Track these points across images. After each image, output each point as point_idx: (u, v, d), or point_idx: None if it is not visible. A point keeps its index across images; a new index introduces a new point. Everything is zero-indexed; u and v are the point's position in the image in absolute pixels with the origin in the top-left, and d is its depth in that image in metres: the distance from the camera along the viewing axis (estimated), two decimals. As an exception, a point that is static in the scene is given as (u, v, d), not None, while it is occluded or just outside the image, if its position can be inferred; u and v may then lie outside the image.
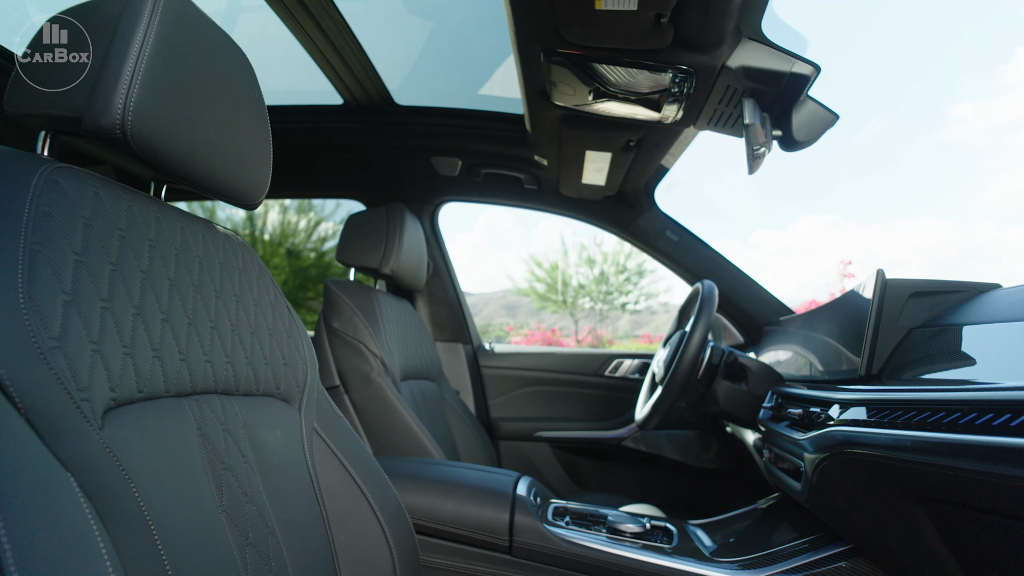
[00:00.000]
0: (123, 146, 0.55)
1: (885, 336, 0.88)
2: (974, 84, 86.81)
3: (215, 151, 0.65)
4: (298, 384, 0.79)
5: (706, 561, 0.98)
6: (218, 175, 0.67)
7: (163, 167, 0.60)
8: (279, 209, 10.56)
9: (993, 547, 0.62)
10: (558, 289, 15.07)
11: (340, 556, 0.77)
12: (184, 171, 0.63)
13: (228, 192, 0.70)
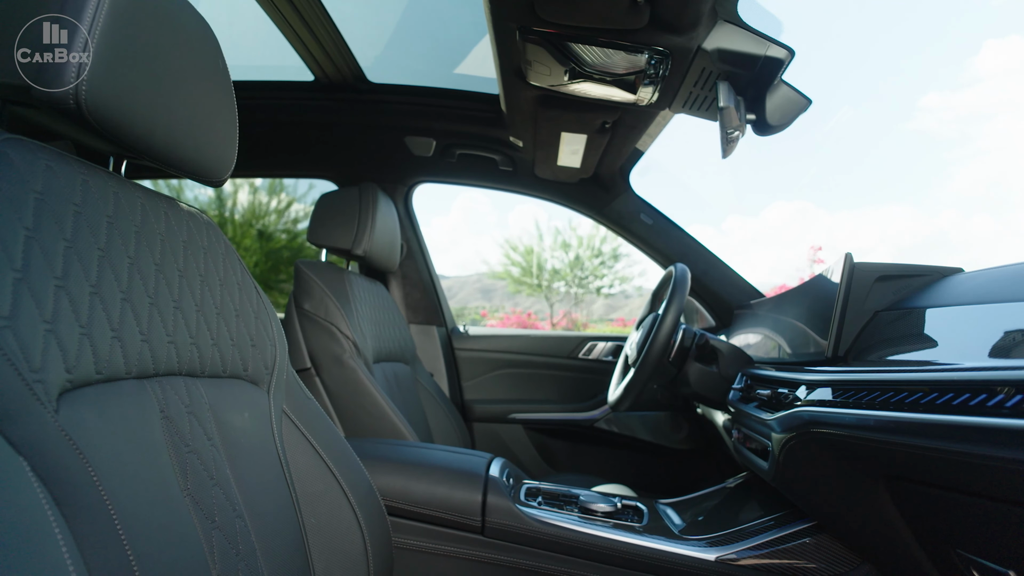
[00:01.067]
0: (76, 117, 0.52)
1: (852, 319, 0.90)
2: (942, 75, 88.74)
3: (176, 124, 0.63)
4: (266, 366, 0.78)
5: (675, 539, 1.00)
6: (180, 150, 0.65)
7: (121, 140, 0.58)
8: (249, 189, 10.34)
9: (946, 520, 0.64)
10: (533, 273, 15.10)
11: (310, 538, 0.76)
12: (143, 145, 0.60)
13: (192, 168, 0.68)
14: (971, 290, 0.76)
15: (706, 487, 1.36)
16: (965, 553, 0.63)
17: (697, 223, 9.96)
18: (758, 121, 1.16)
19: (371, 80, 1.71)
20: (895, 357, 0.79)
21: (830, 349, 0.90)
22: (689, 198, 30.54)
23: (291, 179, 10.88)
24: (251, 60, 1.68)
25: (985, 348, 0.61)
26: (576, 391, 2.11)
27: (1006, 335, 0.60)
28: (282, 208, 10.48)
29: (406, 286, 2.07)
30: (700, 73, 1.14)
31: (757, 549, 0.97)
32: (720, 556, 0.96)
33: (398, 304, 2.03)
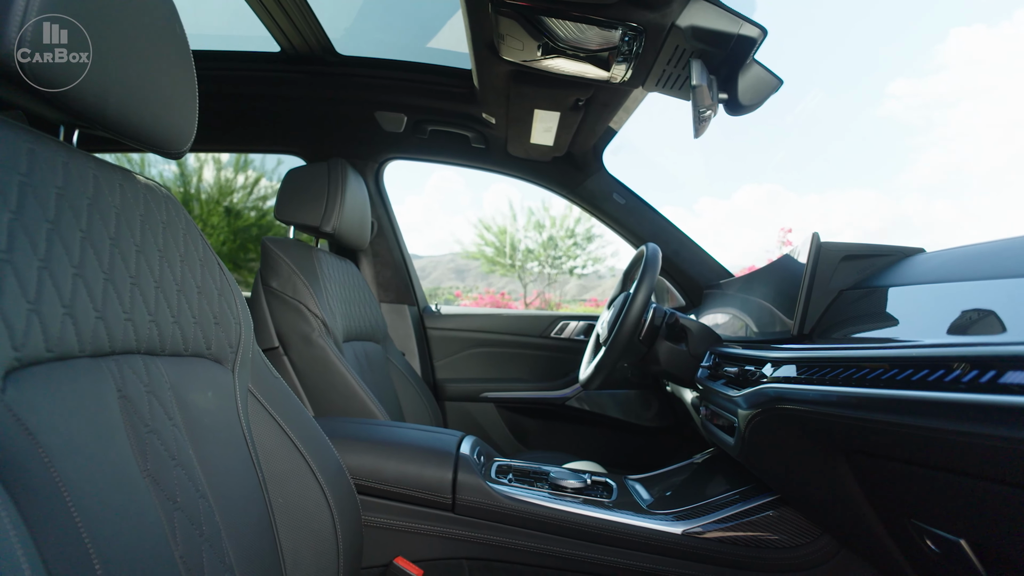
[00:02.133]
0: (18, 81, 0.49)
1: (817, 297, 0.92)
2: (910, 62, 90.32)
3: (130, 92, 0.60)
4: (231, 344, 0.76)
5: (643, 513, 1.02)
6: (135, 119, 0.62)
7: (69, 107, 0.55)
8: (214, 165, 10.07)
9: (902, 492, 0.66)
10: (506, 253, 15.07)
11: (278, 518, 0.75)
12: (95, 113, 0.57)
13: (148, 138, 0.65)
14: (931, 269, 0.77)
15: (674, 463, 1.38)
16: (919, 523, 0.65)
17: (670, 204, 10.05)
18: (730, 100, 1.16)
19: (340, 52, 1.67)
20: (858, 335, 0.80)
21: (796, 327, 0.92)
22: (662, 179, 30.73)
23: (258, 155, 10.64)
24: (213, 28, 1.62)
25: (944, 325, 0.63)
26: (548, 370, 2.12)
27: (963, 314, 0.62)
28: (250, 185, 10.25)
29: (377, 264, 2.04)
30: (673, 51, 1.14)
31: (722, 522, 0.99)
32: (686, 529, 0.99)
33: (369, 283, 2.00)
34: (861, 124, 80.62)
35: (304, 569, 0.76)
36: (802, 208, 54.69)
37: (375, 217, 2.00)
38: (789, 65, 10.33)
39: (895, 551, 0.76)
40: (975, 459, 0.51)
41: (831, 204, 57.77)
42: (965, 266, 0.70)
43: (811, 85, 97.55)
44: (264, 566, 0.70)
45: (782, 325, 1.00)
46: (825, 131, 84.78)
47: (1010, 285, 0.59)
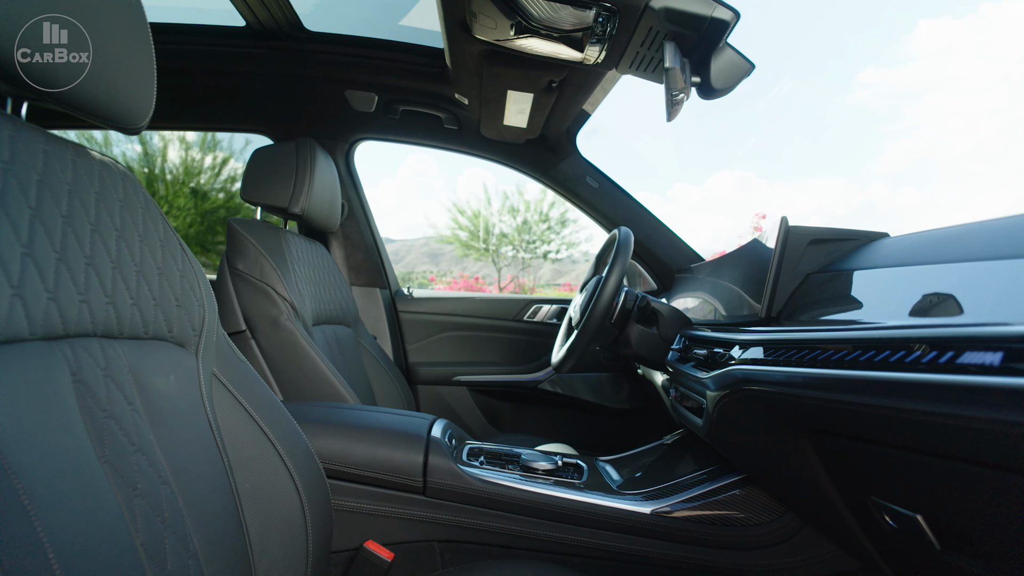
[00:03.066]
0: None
1: (785, 280, 0.93)
2: (880, 52, 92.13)
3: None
4: (194, 327, 0.74)
5: (613, 494, 1.03)
6: (87, 90, 0.59)
7: (13, 77, 0.52)
8: (180, 145, 9.80)
9: (862, 470, 0.68)
10: (480, 237, 15.02)
11: (245, 504, 0.74)
12: (43, 83, 0.54)
13: (103, 112, 0.62)
14: (895, 253, 0.79)
15: (645, 444, 1.40)
16: (878, 500, 0.67)
17: (644, 190, 10.11)
18: (703, 84, 1.16)
19: (308, 28, 1.62)
20: (824, 317, 0.82)
21: (764, 310, 0.93)
22: (637, 165, 30.90)
23: (225, 135, 10.37)
24: (175, 0, 1.56)
25: (906, 308, 0.64)
26: (521, 353, 2.13)
27: (924, 297, 0.63)
28: (218, 165, 10.01)
29: (348, 247, 2.01)
30: (647, 33, 1.13)
31: (690, 501, 1.01)
32: (655, 509, 1.00)
33: (339, 265, 1.97)
34: (832, 112, 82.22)
35: (272, 554, 0.75)
36: (773, 194, 55.71)
37: (345, 199, 1.96)
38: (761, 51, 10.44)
39: (855, 527, 0.78)
40: (931, 437, 0.52)
41: (801, 191, 58.93)
42: (927, 250, 0.72)
43: (783, 72, 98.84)
44: (230, 552, 0.68)
45: (750, 308, 1.01)
46: (796, 118, 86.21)
47: (969, 269, 0.61)
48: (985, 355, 0.45)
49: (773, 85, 40.61)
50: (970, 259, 0.62)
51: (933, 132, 68.18)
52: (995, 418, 0.43)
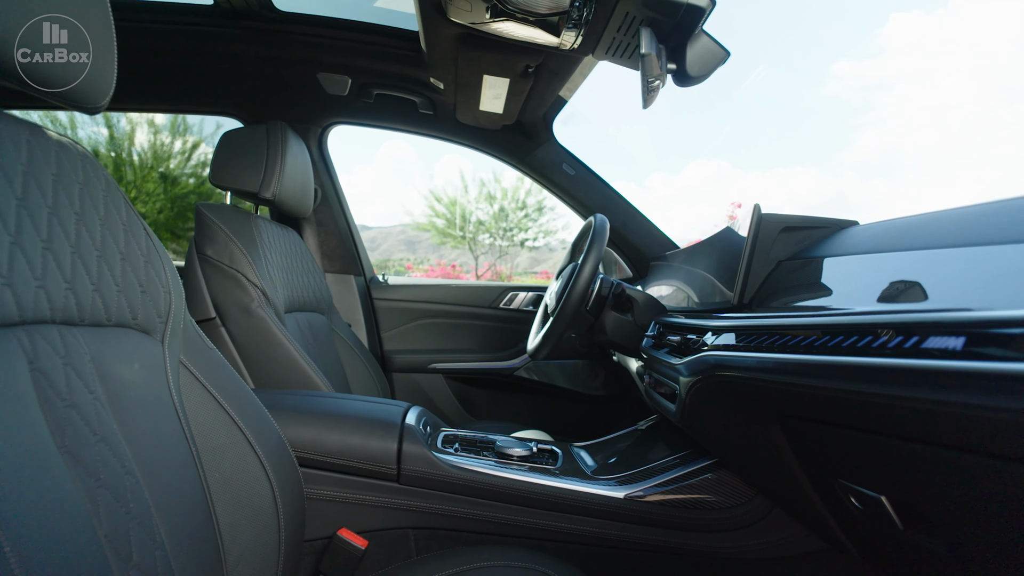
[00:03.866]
0: None
1: (757, 267, 0.94)
2: (853, 44, 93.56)
3: (34, 36, 0.54)
4: (159, 314, 0.72)
5: (587, 479, 1.04)
6: (42, 66, 0.56)
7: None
8: (149, 128, 9.55)
9: (830, 453, 0.69)
10: (457, 225, 14.96)
11: (214, 493, 0.73)
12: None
13: (59, 91, 0.60)
14: (864, 241, 0.80)
15: (619, 430, 1.41)
16: (845, 482, 0.69)
17: (622, 179, 10.15)
18: (678, 71, 1.16)
19: (279, 8, 1.57)
20: (795, 303, 0.83)
21: (736, 296, 0.94)
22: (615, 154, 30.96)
23: (196, 120, 10.12)
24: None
25: (874, 294, 0.65)
26: (497, 340, 2.12)
27: (891, 283, 0.64)
28: (188, 150, 9.80)
29: (321, 233, 1.98)
30: (623, 18, 1.12)
31: (663, 486, 1.02)
32: (629, 493, 1.01)
33: (313, 252, 1.94)
34: (806, 103, 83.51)
35: (243, 544, 0.74)
36: (748, 184, 56.46)
37: (318, 184, 1.93)
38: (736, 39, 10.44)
39: (822, 509, 0.80)
40: (896, 420, 0.53)
41: (776, 180, 59.83)
42: (895, 238, 0.73)
43: (757, 61, 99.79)
44: (198, 542, 0.67)
45: (722, 296, 1.02)
46: (771, 108, 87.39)
47: (934, 256, 0.62)
48: (948, 340, 0.46)
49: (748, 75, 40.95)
50: (935, 246, 0.63)
51: (902, 124, 69.93)
52: (956, 401, 0.44)
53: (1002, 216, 0.57)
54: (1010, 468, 0.44)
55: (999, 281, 0.49)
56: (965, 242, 0.58)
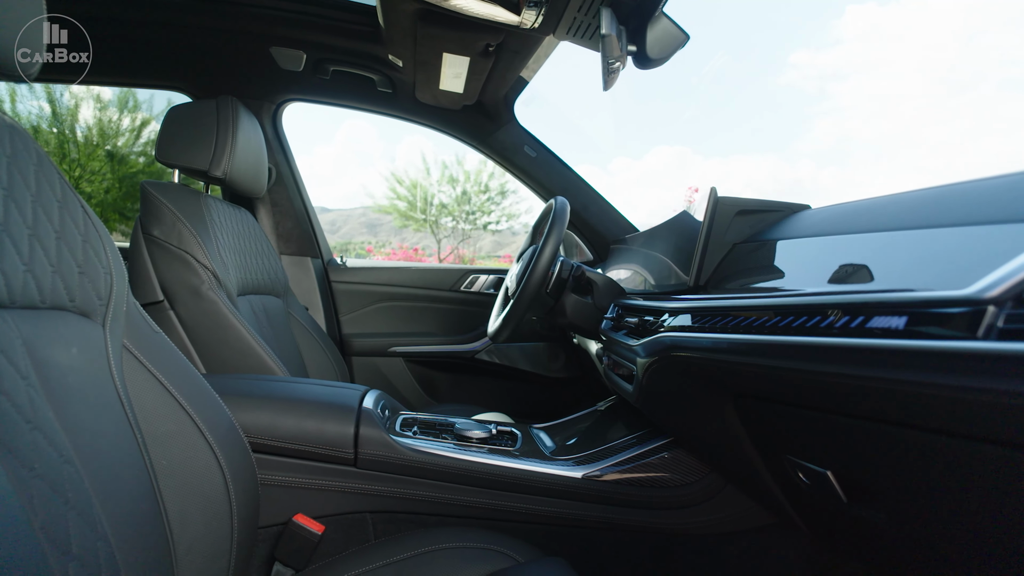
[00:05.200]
0: None
1: (713, 250, 0.95)
2: (811, 34, 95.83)
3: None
4: (99, 296, 0.68)
5: (546, 460, 1.05)
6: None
7: None
8: (94, 104, 9.13)
9: (779, 430, 0.71)
10: (418, 207, 14.80)
11: (161, 481, 0.70)
12: None
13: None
14: (815, 224, 0.82)
15: (579, 411, 1.43)
16: (793, 458, 0.71)
17: (586, 163, 10.19)
18: (638, 53, 1.16)
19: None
20: (749, 285, 0.84)
21: (692, 279, 0.95)
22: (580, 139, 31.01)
23: (145, 93, 9.70)
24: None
25: (825, 275, 0.67)
26: (458, 323, 2.11)
27: (841, 265, 0.66)
28: (137, 127, 9.41)
29: (276, 214, 1.93)
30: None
31: (619, 465, 1.04)
32: (586, 473, 1.02)
33: (268, 234, 1.89)
34: (765, 91, 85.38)
35: (193, 532, 0.72)
36: (708, 170, 57.49)
37: (273, 163, 1.87)
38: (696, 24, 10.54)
39: (772, 484, 0.82)
40: (841, 398, 0.55)
41: (735, 167, 61.05)
42: (844, 221, 0.75)
43: (717, 47, 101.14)
44: (145, 531, 0.65)
45: (678, 278, 1.04)
46: (731, 96, 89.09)
47: (881, 238, 0.63)
48: (891, 319, 0.47)
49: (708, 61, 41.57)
50: (882, 229, 0.65)
51: (856, 114, 72.37)
52: (896, 378, 0.45)
53: (943, 201, 0.59)
54: (944, 442, 0.46)
55: (939, 263, 0.50)
56: (909, 225, 0.60)
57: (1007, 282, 0.39)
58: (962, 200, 0.57)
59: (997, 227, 0.48)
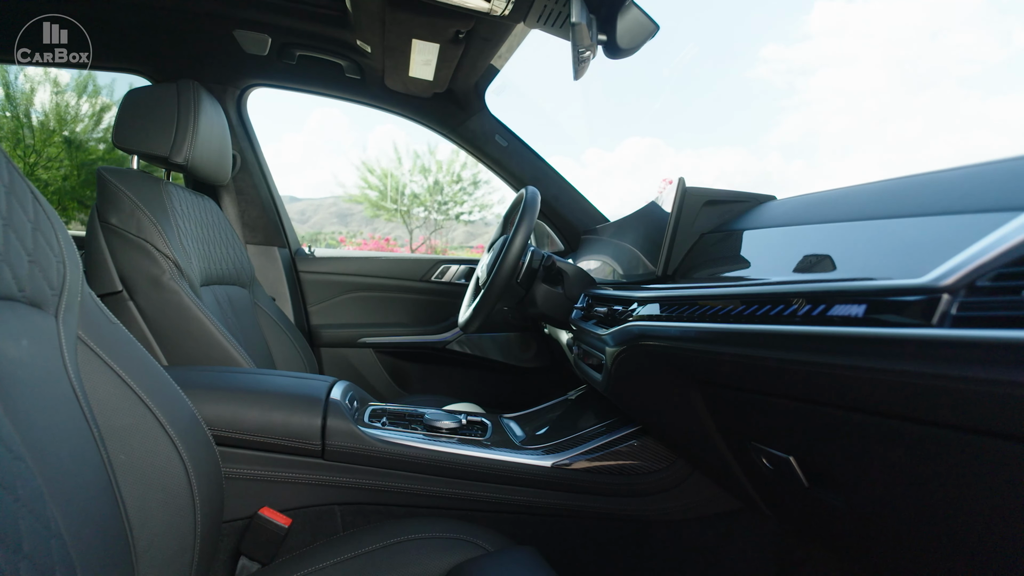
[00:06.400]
0: None
1: (681, 240, 0.96)
2: (781, 29, 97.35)
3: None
4: (52, 286, 0.66)
5: (516, 449, 1.05)
6: None
7: None
8: (52, 87, 8.79)
9: (744, 417, 0.72)
10: (389, 197, 14.65)
11: (120, 476, 0.68)
12: None
13: None
14: (781, 214, 0.83)
15: (549, 401, 1.43)
16: (757, 445, 0.72)
17: (560, 155, 10.19)
18: (608, 42, 1.16)
19: None
20: (717, 274, 0.85)
21: (661, 268, 0.96)
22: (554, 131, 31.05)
23: (105, 78, 9.39)
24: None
25: (790, 264, 0.68)
26: (429, 314, 2.10)
27: (805, 255, 0.67)
28: (97, 113, 9.10)
29: (242, 203, 1.88)
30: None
31: (589, 454, 1.05)
32: (556, 462, 1.03)
33: (233, 223, 1.84)
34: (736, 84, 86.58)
35: (154, 528, 0.70)
36: (680, 162, 58.19)
37: (238, 150, 1.83)
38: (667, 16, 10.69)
39: (737, 470, 0.84)
40: (803, 384, 0.56)
41: (706, 159, 61.88)
42: (808, 211, 0.76)
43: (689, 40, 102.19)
44: (102, 528, 0.63)
45: (646, 268, 1.05)
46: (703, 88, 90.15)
47: (843, 228, 0.65)
48: (851, 307, 0.48)
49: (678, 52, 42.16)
50: (844, 219, 0.66)
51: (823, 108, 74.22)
52: (855, 365, 0.46)
53: (903, 192, 0.61)
54: (900, 427, 0.47)
55: (899, 252, 0.52)
56: (871, 215, 0.61)
57: (961, 271, 0.40)
58: (921, 191, 0.58)
59: (954, 217, 0.49)
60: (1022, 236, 0.38)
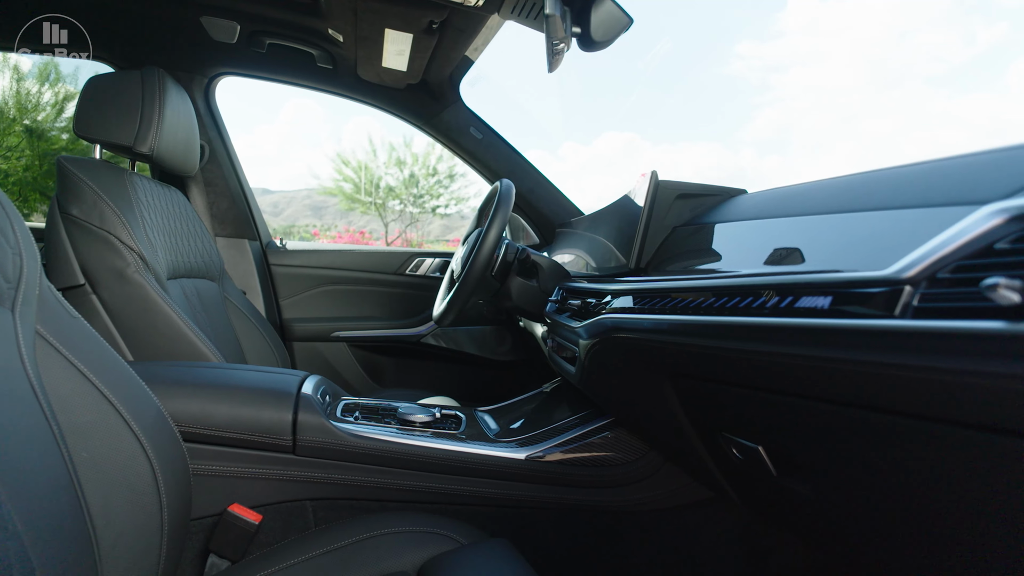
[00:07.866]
0: None
1: (654, 233, 0.97)
2: (756, 26, 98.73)
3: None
4: (8, 280, 0.63)
5: (490, 442, 1.05)
6: None
7: None
8: (12, 74, 8.50)
9: (715, 408, 0.73)
10: (363, 190, 14.49)
11: (82, 474, 0.66)
12: None
13: None
14: (752, 208, 0.84)
15: (524, 394, 1.43)
16: (728, 435, 0.73)
17: (536, 148, 10.18)
18: (583, 35, 1.16)
19: None
20: (689, 267, 0.86)
21: (633, 261, 0.97)
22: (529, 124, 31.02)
23: (69, 65, 9.09)
24: None
25: (760, 257, 0.69)
26: (403, 307, 2.09)
27: (775, 248, 0.68)
28: (60, 101, 8.82)
29: (210, 194, 1.84)
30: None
31: (562, 446, 1.05)
32: (530, 455, 1.03)
33: (201, 215, 1.80)
34: (712, 81, 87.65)
35: (118, 527, 0.69)
36: (656, 156, 58.69)
37: (206, 140, 1.78)
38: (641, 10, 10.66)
39: (708, 460, 0.85)
40: (771, 376, 0.57)
41: (681, 154, 62.50)
42: (778, 205, 0.77)
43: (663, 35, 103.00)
44: (63, 528, 0.61)
45: (618, 261, 1.05)
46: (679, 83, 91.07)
47: (812, 221, 0.66)
48: (818, 299, 0.49)
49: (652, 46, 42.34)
50: (813, 213, 0.67)
51: (796, 105, 75.64)
52: (821, 356, 0.47)
53: (870, 186, 0.62)
54: (864, 416, 0.48)
55: (864, 244, 0.53)
56: (838, 209, 0.62)
57: (922, 263, 0.41)
58: (887, 185, 0.59)
59: (917, 211, 0.50)
60: (980, 229, 0.39)
